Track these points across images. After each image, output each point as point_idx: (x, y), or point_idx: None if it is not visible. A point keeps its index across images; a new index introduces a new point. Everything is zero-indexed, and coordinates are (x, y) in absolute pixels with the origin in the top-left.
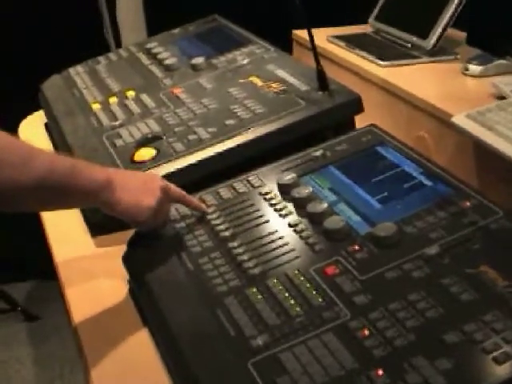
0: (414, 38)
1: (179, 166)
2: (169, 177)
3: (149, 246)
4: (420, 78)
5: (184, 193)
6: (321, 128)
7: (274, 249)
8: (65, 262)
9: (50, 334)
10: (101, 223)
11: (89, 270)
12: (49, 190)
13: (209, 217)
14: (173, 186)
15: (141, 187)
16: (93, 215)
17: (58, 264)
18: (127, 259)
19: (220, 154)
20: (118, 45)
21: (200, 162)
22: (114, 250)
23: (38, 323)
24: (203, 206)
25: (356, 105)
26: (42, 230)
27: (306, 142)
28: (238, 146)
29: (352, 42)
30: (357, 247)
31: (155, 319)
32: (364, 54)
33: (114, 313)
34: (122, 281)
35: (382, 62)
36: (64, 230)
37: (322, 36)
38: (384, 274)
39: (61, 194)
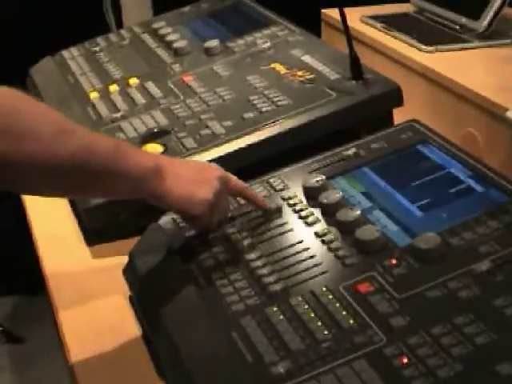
0: (464, 19)
1: None
2: None
3: (153, 258)
4: (470, 66)
5: (246, 185)
6: (354, 123)
7: (299, 262)
8: (56, 274)
9: (36, 359)
10: (99, 230)
11: (84, 284)
12: (85, 171)
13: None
14: (233, 178)
15: (195, 177)
16: (89, 221)
17: (48, 277)
18: (128, 272)
19: (236, 152)
20: (120, 25)
21: (213, 161)
22: (114, 262)
23: (22, 346)
24: (267, 203)
25: (395, 97)
26: (29, 236)
27: (337, 140)
28: (258, 142)
29: (391, 23)
30: (394, 261)
31: (161, 342)
32: (404, 37)
33: (112, 335)
34: (122, 297)
35: (425, 47)
36: (55, 237)
37: (356, 16)
38: (426, 292)
39: (99, 178)
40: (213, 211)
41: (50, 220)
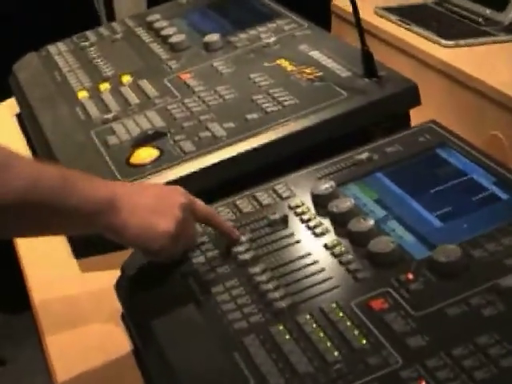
0: (488, 11)
1: (188, 171)
2: (174, 184)
3: (148, 272)
4: (494, 62)
5: (214, 211)
6: (366, 125)
7: (307, 276)
8: (41, 289)
9: (19, 381)
10: (88, 241)
11: (71, 300)
12: (31, 210)
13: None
14: (199, 203)
15: (155, 205)
16: None
17: (33, 292)
18: (121, 287)
19: (239, 157)
20: (111, 17)
21: (214, 165)
22: (104, 276)
23: (4, 368)
24: (237, 232)
25: (411, 96)
26: (12, 248)
27: (348, 143)
28: (262, 146)
29: (407, 15)
30: (411, 276)
31: (155, 363)
32: (422, 30)
33: (102, 355)
34: (113, 314)
35: (445, 42)
36: (40, 249)
37: (369, 8)
38: (445, 310)
39: (47, 217)
40: (176, 243)
41: None
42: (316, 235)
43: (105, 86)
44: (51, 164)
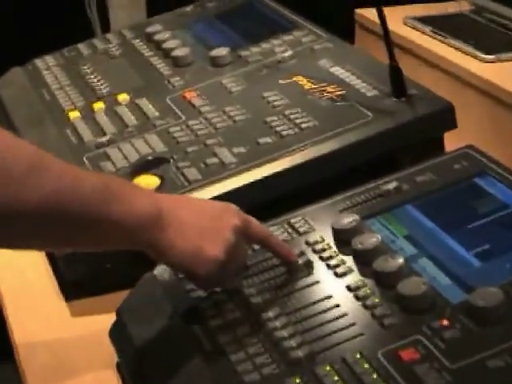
0: None
1: None
2: None
3: (147, 316)
4: None
5: (269, 232)
6: (395, 150)
7: (327, 322)
8: (26, 336)
9: None
10: (79, 282)
11: (60, 348)
12: (64, 220)
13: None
14: (254, 222)
15: (205, 226)
16: (68, 270)
17: (16, 340)
18: (116, 334)
19: (250, 186)
20: (106, 28)
21: (221, 196)
22: (97, 321)
23: None
24: (294, 254)
25: (446, 117)
26: None
27: (374, 171)
28: (277, 174)
29: (441, 25)
30: (445, 322)
31: None
32: (459, 43)
33: None
34: (107, 364)
35: (485, 56)
36: (25, 289)
37: (398, 17)
38: (485, 361)
39: (84, 228)
40: (224, 270)
41: (19, 269)
42: (338, 275)
43: (99, 106)
44: (92, 171)
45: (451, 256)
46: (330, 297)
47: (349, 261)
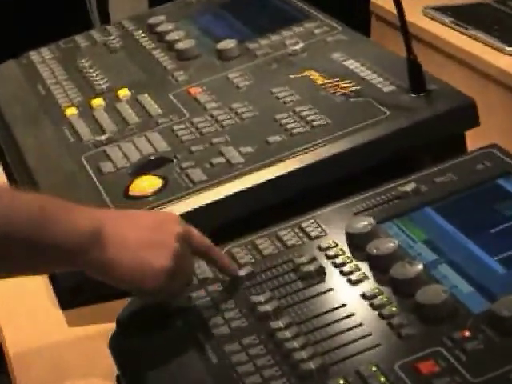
0: None
1: (197, 205)
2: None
3: (148, 326)
4: None
5: (211, 243)
6: (413, 149)
7: (340, 332)
8: (20, 347)
9: None
10: (76, 289)
11: (56, 359)
12: (3, 246)
13: (241, 281)
14: (195, 232)
15: (148, 237)
16: (65, 277)
17: (10, 350)
18: (116, 344)
19: (259, 188)
20: (105, 19)
21: (228, 198)
22: (96, 330)
23: None
24: (236, 267)
25: (468, 114)
26: None
27: (391, 171)
28: (287, 175)
29: (463, 16)
30: (467, 333)
31: None
32: (481, 34)
33: None
34: (106, 376)
35: (509, 48)
36: (19, 298)
37: (416, 8)
38: (509, 375)
39: (23, 253)
40: (173, 280)
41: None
42: (352, 283)
43: (98, 102)
44: (28, 191)
45: (473, 262)
46: (343, 305)
47: (364, 267)
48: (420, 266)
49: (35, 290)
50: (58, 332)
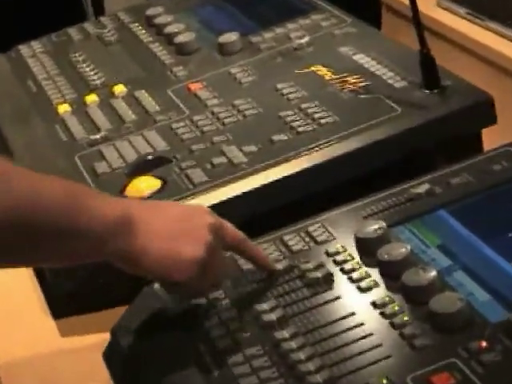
0: None
1: None
2: None
3: (146, 336)
4: None
5: (245, 237)
6: (427, 149)
7: (349, 343)
8: (10, 357)
9: None
10: (70, 297)
11: (48, 371)
12: (26, 232)
13: (244, 289)
14: (229, 225)
15: (179, 228)
16: (57, 284)
17: (0, 364)
18: (111, 355)
19: (263, 189)
20: (100, 10)
21: (231, 200)
22: (90, 341)
23: None
24: (272, 262)
25: (485, 111)
26: None
27: (403, 172)
28: (292, 176)
29: (478, 7)
30: (484, 343)
31: None
32: (499, 26)
33: None
34: None
35: None
36: (9, 306)
37: None
38: None
39: (47, 240)
40: (204, 273)
41: (2, 282)
42: (361, 290)
43: (92, 99)
44: (53, 176)
45: (490, 268)
46: (352, 314)
47: (374, 274)
48: (434, 273)
49: (26, 297)
50: (50, 342)
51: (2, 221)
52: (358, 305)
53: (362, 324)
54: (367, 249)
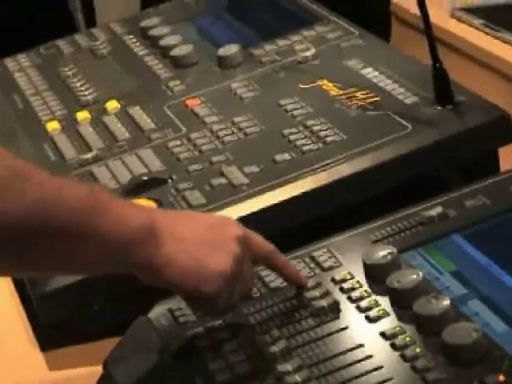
0: None
1: None
2: None
3: (140, 368)
4: None
5: (274, 249)
6: (439, 169)
7: (357, 376)
8: None
9: None
10: (59, 327)
11: None
12: (46, 235)
13: (245, 319)
14: (258, 237)
15: (206, 238)
16: (45, 313)
17: None
18: None
19: (265, 212)
20: (91, 21)
21: None
22: (80, 374)
23: None
24: (303, 276)
25: (501, 129)
26: None
27: (414, 193)
28: (296, 198)
29: (494, 18)
30: (502, 377)
31: None
32: None
33: None
34: None
35: None
36: None
37: (443, 9)
38: None
39: (67, 245)
40: (232, 287)
41: None
42: (370, 320)
43: (83, 115)
44: (75, 180)
45: (508, 297)
46: (360, 346)
47: (383, 302)
48: (447, 302)
49: (11, 327)
50: (38, 376)
51: (23, 216)
52: (367, 336)
53: (370, 356)
54: (376, 276)
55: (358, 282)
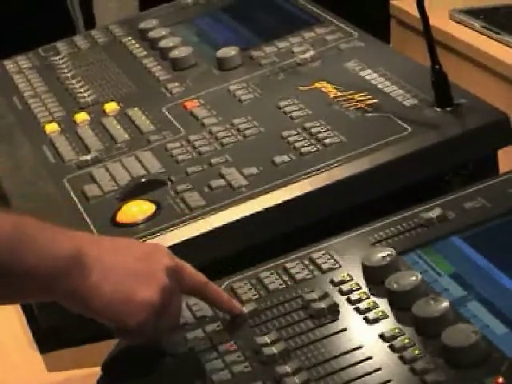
0: None
1: (194, 233)
2: (176, 250)
3: (139, 370)
4: None
5: (206, 280)
6: (438, 171)
7: (356, 378)
8: None
9: None
10: (58, 330)
11: None
12: None
13: (243, 321)
14: (189, 268)
15: (135, 268)
16: (45, 316)
17: None
18: None
19: (264, 214)
20: (90, 23)
21: (230, 226)
22: (79, 376)
23: None
24: (238, 304)
25: (501, 131)
26: None
27: (413, 195)
28: (295, 200)
29: (494, 20)
30: (501, 380)
31: None
32: None
33: None
34: None
35: None
36: None
37: (443, 10)
38: None
39: None
40: (158, 319)
41: None
42: (369, 322)
43: (82, 117)
44: (1, 210)
45: (507, 299)
46: (359, 347)
47: (382, 304)
48: (446, 303)
49: (10, 330)
50: (37, 378)
51: None
52: (366, 337)
53: (369, 358)
54: (375, 277)
55: (357, 283)
